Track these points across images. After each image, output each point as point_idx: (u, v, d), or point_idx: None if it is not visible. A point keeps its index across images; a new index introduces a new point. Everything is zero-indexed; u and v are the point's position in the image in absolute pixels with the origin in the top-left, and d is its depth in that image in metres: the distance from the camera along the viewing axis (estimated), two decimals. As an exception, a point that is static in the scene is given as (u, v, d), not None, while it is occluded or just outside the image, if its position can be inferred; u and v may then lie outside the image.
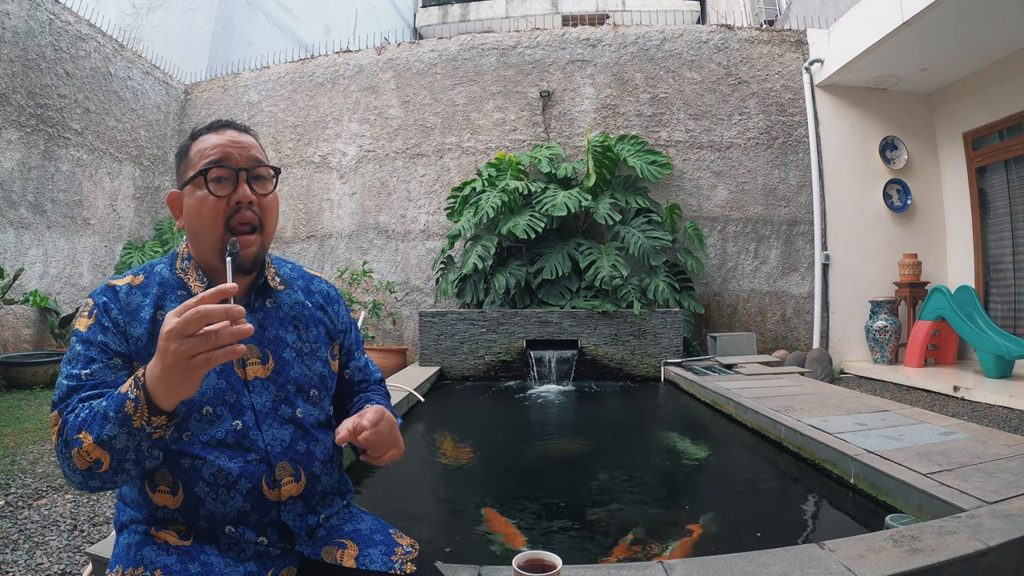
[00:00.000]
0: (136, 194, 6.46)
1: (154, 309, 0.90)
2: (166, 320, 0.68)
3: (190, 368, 0.67)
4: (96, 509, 2.03)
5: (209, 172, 0.90)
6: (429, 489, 2.33)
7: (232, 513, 0.85)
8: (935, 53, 4.91)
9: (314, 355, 1.01)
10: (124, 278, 0.93)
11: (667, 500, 2.19)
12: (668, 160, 5.69)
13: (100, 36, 5.94)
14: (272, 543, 0.88)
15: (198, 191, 0.91)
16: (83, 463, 0.73)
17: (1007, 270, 5.13)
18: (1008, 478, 1.77)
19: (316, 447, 0.95)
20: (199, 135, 0.96)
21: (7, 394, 4.10)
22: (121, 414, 0.72)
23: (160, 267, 0.96)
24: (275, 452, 0.89)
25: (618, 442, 3.04)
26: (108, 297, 0.90)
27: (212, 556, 0.83)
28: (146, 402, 0.71)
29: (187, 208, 0.93)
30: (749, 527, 1.86)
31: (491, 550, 1.70)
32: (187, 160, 0.95)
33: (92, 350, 0.85)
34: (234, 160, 0.92)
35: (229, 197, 0.91)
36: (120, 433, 0.72)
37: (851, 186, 5.71)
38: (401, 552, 0.94)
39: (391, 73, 6.55)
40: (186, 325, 0.66)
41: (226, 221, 0.91)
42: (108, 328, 0.87)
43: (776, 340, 5.78)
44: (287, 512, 0.89)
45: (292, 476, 0.90)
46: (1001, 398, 3.68)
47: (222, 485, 0.85)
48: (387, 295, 6.15)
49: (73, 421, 0.75)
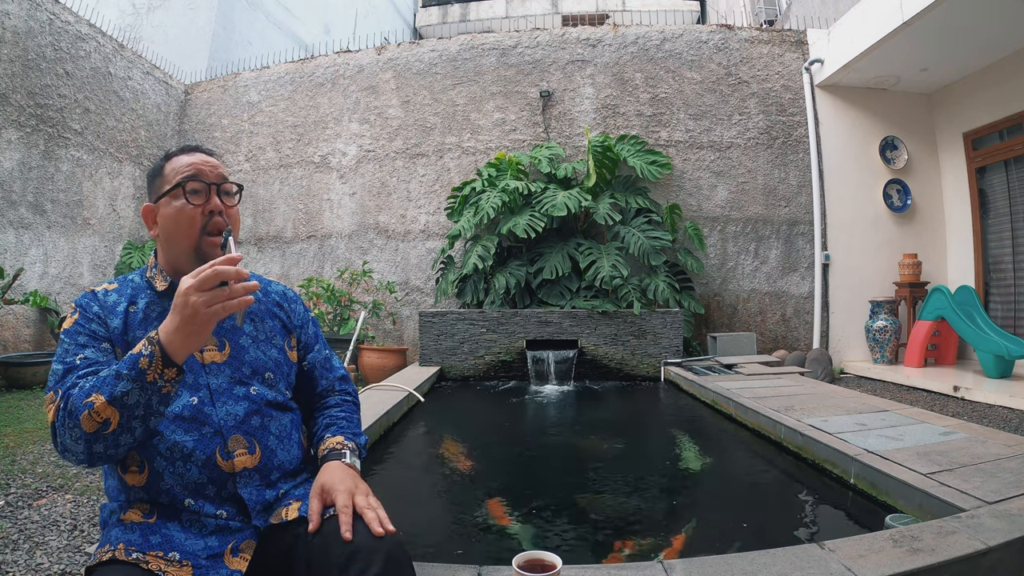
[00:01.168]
0: (136, 194, 6.46)
1: (127, 304, 1.04)
2: (181, 282, 0.81)
3: (208, 317, 0.79)
4: (96, 509, 2.03)
5: (187, 184, 1.04)
6: (428, 488, 2.33)
7: (190, 485, 0.92)
8: (935, 53, 4.92)
9: (269, 342, 1.12)
10: (102, 286, 1.08)
11: (667, 500, 2.18)
12: (668, 160, 5.69)
13: (100, 36, 5.94)
14: (230, 516, 0.93)
15: (175, 201, 1.04)
16: (91, 425, 0.80)
17: (1007, 270, 5.13)
18: (1008, 478, 1.77)
19: (271, 423, 1.03)
20: (171, 156, 1.09)
21: (7, 394, 4.10)
22: (135, 370, 0.81)
23: (132, 276, 1.11)
24: (228, 426, 0.97)
25: (618, 442, 3.04)
26: (89, 298, 1.03)
27: (174, 530, 0.89)
28: (161, 355, 0.81)
29: (164, 217, 1.05)
30: (749, 527, 1.86)
31: (491, 549, 1.70)
32: (162, 177, 1.07)
33: (81, 338, 0.95)
34: (206, 175, 1.06)
35: (203, 207, 1.04)
36: (133, 388, 0.80)
37: (851, 186, 5.71)
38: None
39: (391, 73, 6.55)
40: (204, 281, 0.79)
41: (201, 228, 1.04)
42: (92, 319, 0.99)
43: (776, 340, 5.78)
44: (243, 484, 0.95)
45: (246, 448, 0.97)
46: (1001, 398, 3.68)
47: (178, 458, 0.92)
48: (387, 295, 6.15)
49: (79, 392, 0.83)
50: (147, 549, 0.86)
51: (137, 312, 1.03)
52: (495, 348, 5.01)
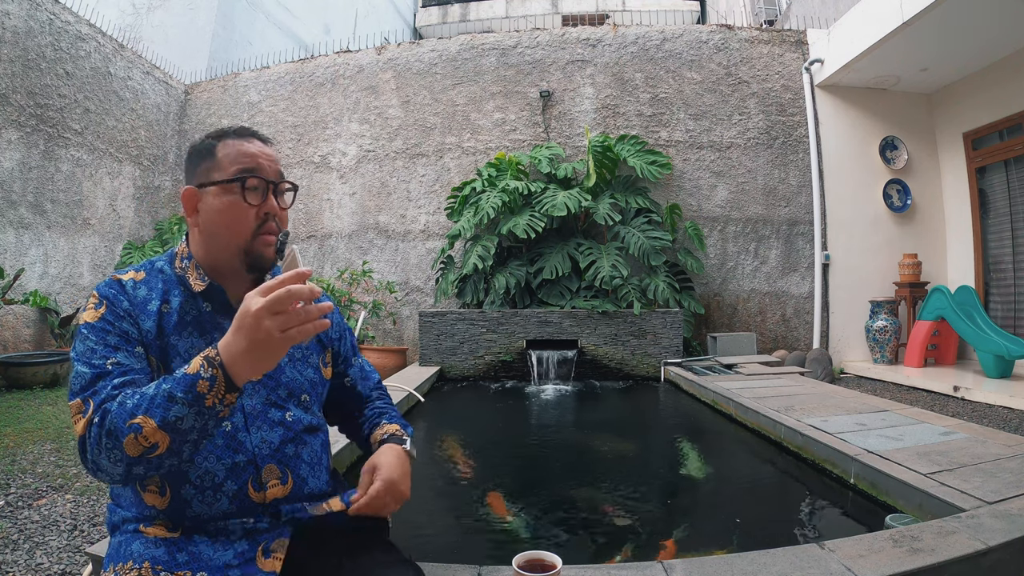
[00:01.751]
0: (136, 194, 6.46)
1: (160, 302, 0.92)
2: (247, 299, 0.72)
3: (282, 342, 0.71)
4: (96, 509, 2.03)
5: (247, 180, 0.92)
6: (428, 488, 2.33)
7: (218, 515, 0.87)
8: (935, 53, 4.91)
9: (305, 361, 1.03)
10: (127, 273, 0.94)
11: (667, 500, 2.18)
12: (668, 160, 5.69)
13: (100, 36, 5.94)
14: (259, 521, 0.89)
15: (228, 196, 0.92)
16: (136, 449, 0.73)
17: (1007, 270, 5.13)
18: (1008, 478, 1.77)
19: (303, 450, 0.97)
20: (223, 137, 0.96)
21: (7, 394, 4.10)
22: (192, 394, 0.73)
23: (160, 263, 0.97)
24: (263, 454, 0.91)
25: (617, 442, 3.04)
26: (116, 289, 0.90)
27: (201, 544, 0.85)
28: (224, 380, 0.73)
29: (211, 209, 0.93)
30: (749, 527, 1.86)
31: (491, 549, 1.70)
32: (213, 161, 0.94)
33: (111, 338, 0.85)
34: (265, 171, 0.94)
35: (259, 207, 0.93)
36: (189, 413, 0.73)
37: (851, 186, 5.71)
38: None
39: (391, 73, 6.55)
40: (277, 302, 0.70)
41: (254, 231, 0.93)
42: (123, 316, 0.88)
43: (776, 340, 5.78)
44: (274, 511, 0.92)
45: (279, 479, 0.92)
46: (1001, 398, 3.68)
47: (208, 487, 0.86)
48: (387, 295, 6.15)
49: (120, 410, 0.74)
50: (174, 568, 0.81)
51: (171, 314, 0.92)
52: (495, 348, 5.01)
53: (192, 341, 0.91)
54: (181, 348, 0.90)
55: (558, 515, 1.97)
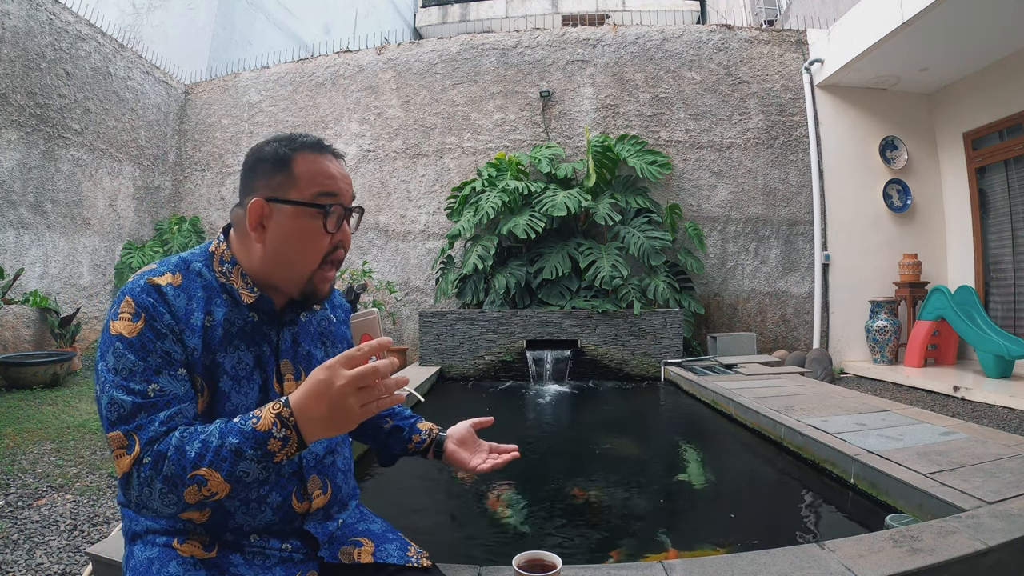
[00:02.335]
0: (136, 194, 6.46)
1: (203, 315, 0.85)
2: (332, 370, 0.72)
3: (361, 416, 0.73)
4: (96, 509, 2.03)
5: (331, 208, 0.87)
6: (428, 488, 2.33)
7: (260, 526, 0.87)
8: (935, 53, 4.91)
9: None
10: (162, 276, 0.84)
11: (667, 500, 2.18)
12: (668, 160, 5.69)
13: (100, 36, 5.94)
14: (295, 549, 0.89)
15: (306, 219, 0.86)
16: (196, 497, 0.71)
17: (1007, 270, 5.13)
18: (1008, 478, 1.77)
19: (339, 458, 0.99)
20: (300, 149, 0.88)
21: (7, 394, 4.10)
22: (262, 451, 0.72)
23: (197, 265, 0.88)
24: (308, 465, 0.92)
25: (617, 442, 3.04)
26: (155, 299, 0.81)
27: (240, 567, 0.84)
28: (297, 440, 0.73)
29: (280, 229, 0.86)
30: (750, 527, 1.86)
31: (491, 549, 1.70)
32: (290, 176, 0.86)
33: (152, 360, 0.77)
34: (345, 197, 0.89)
35: (334, 236, 0.89)
36: (256, 468, 0.73)
37: (851, 186, 5.71)
38: (415, 550, 0.97)
39: (391, 73, 6.55)
40: (362, 379, 0.72)
41: (323, 257, 0.89)
42: (165, 335, 0.79)
43: (776, 340, 5.78)
44: (311, 521, 0.92)
45: (321, 488, 0.93)
46: (1001, 398, 3.68)
47: (253, 500, 0.86)
48: (387, 295, 6.15)
49: (178, 457, 0.71)
50: None
51: (215, 327, 0.85)
52: (495, 348, 5.01)
53: (239, 356, 0.87)
54: (227, 365, 0.86)
55: (558, 515, 1.97)
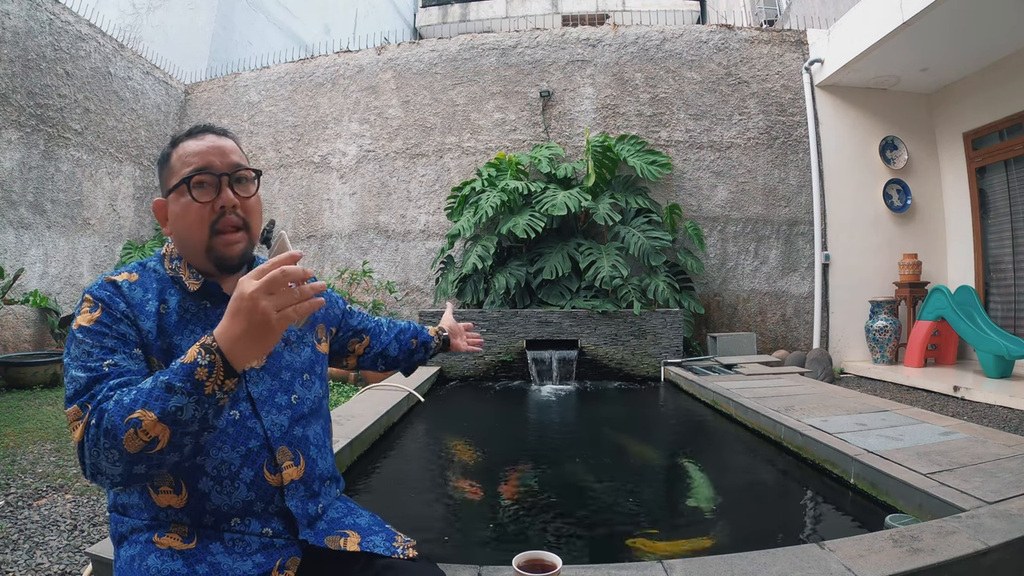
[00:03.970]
0: (136, 194, 6.46)
1: (157, 303, 0.91)
2: (241, 283, 0.71)
3: (279, 322, 0.71)
4: (96, 509, 2.03)
5: (192, 179, 0.91)
6: (428, 488, 2.33)
7: (238, 505, 0.87)
8: (935, 53, 4.91)
9: (300, 342, 1.06)
10: (119, 275, 0.93)
11: (667, 500, 2.19)
12: (668, 160, 5.69)
13: (100, 36, 5.94)
14: (277, 534, 0.89)
15: (182, 198, 0.92)
16: (136, 444, 0.71)
17: (1007, 270, 5.13)
18: (1008, 478, 1.77)
19: (309, 431, 0.99)
20: (179, 142, 0.96)
21: (7, 394, 4.10)
22: (191, 382, 0.71)
23: (152, 263, 0.97)
24: (275, 437, 0.92)
25: (617, 442, 3.04)
26: (111, 291, 0.88)
27: (219, 555, 0.84)
28: (223, 364, 0.72)
29: (172, 215, 0.95)
30: (750, 527, 1.86)
31: (491, 549, 1.70)
32: (169, 167, 0.96)
33: (108, 340, 0.83)
34: (215, 167, 0.93)
35: (213, 202, 0.92)
36: (189, 403, 0.72)
37: (851, 186, 5.71)
38: (401, 540, 0.97)
39: (391, 73, 6.55)
40: (272, 283, 0.70)
41: (211, 226, 0.93)
42: (120, 319, 0.86)
43: (776, 340, 5.78)
44: (290, 497, 0.92)
45: (292, 460, 0.93)
46: (1001, 398, 3.68)
47: (225, 477, 0.86)
48: (387, 295, 6.15)
49: (117, 407, 0.72)
50: None
51: (170, 313, 0.91)
52: (495, 348, 5.01)
53: (195, 338, 0.91)
54: (185, 347, 0.89)
55: (558, 514, 1.97)
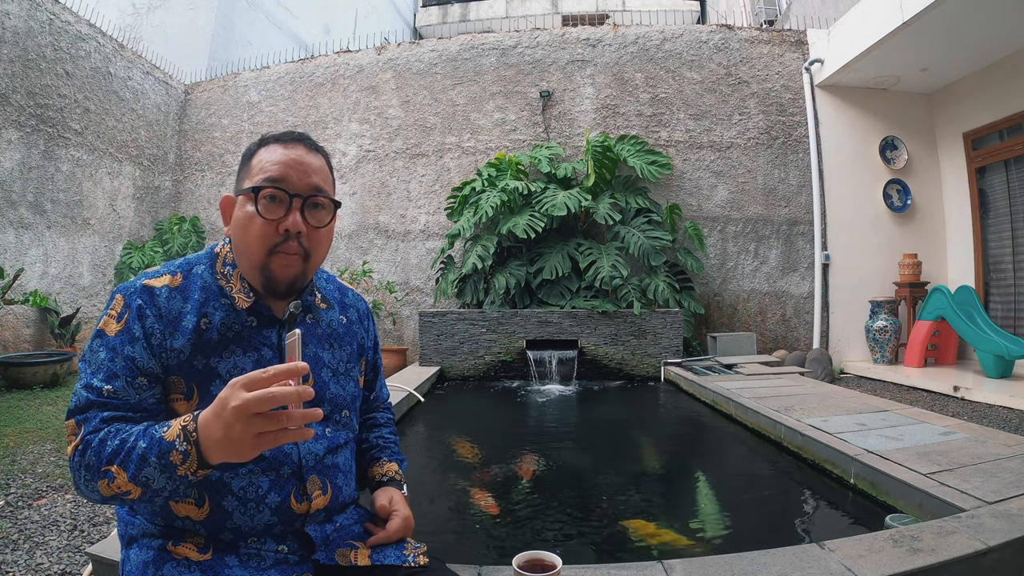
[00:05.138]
0: (136, 194, 6.46)
1: (197, 318, 0.85)
2: (230, 387, 0.66)
3: (255, 445, 0.67)
4: (96, 509, 2.03)
5: (263, 191, 0.84)
6: (428, 488, 2.33)
7: (259, 527, 0.85)
8: (935, 53, 4.91)
9: (348, 375, 1.00)
10: (161, 277, 0.87)
11: (667, 500, 2.19)
12: (668, 160, 5.69)
13: (100, 36, 5.94)
14: (291, 551, 0.88)
15: (248, 206, 0.85)
16: (109, 492, 0.72)
17: (1007, 270, 5.13)
18: (1008, 478, 1.77)
19: (340, 460, 0.97)
20: (267, 143, 0.90)
21: (7, 394, 4.10)
22: (164, 461, 0.70)
23: (200, 268, 0.90)
24: (308, 465, 0.89)
25: (617, 442, 3.04)
26: (144, 300, 0.83)
27: (234, 568, 0.82)
28: (197, 458, 0.70)
29: (236, 219, 0.87)
30: (749, 527, 1.86)
31: (491, 549, 1.70)
32: (248, 168, 0.89)
33: (117, 363, 0.80)
34: (292, 184, 0.85)
35: (279, 222, 0.84)
36: (160, 477, 0.71)
37: (851, 186, 5.71)
38: (412, 547, 0.96)
39: (391, 73, 6.55)
40: (259, 403, 0.64)
41: (270, 248, 0.85)
42: (138, 339, 0.81)
43: (776, 340, 5.78)
44: (311, 523, 0.90)
45: (320, 489, 0.91)
46: (1001, 398, 3.68)
47: (251, 499, 0.84)
48: (387, 295, 6.15)
49: (99, 449, 0.72)
50: None
51: (211, 331, 0.85)
52: (495, 348, 5.01)
53: (235, 360, 0.86)
54: (222, 370, 0.85)
55: (558, 513, 1.97)
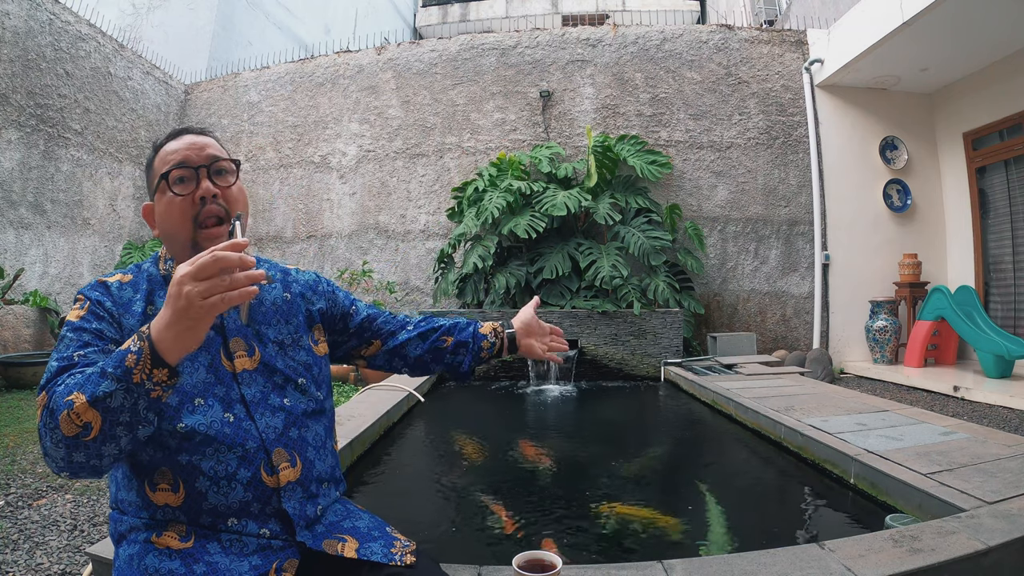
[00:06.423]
0: (136, 194, 6.46)
1: (145, 303, 0.95)
2: (177, 270, 0.70)
3: (204, 309, 0.68)
4: (96, 509, 2.03)
5: (170, 174, 0.95)
6: (428, 488, 2.33)
7: (235, 505, 0.87)
8: (935, 53, 4.91)
9: (296, 345, 1.04)
10: (114, 276, 0.97)
11: (666, 500, 2.18)
12: (668, 160, 5.69)
13: (100, 36, 5.94)
14: (274, 535, 0.89)
15: (164, 196, 0.96)
16: (70, 428, 0.70)
17: (1007, 270, 5.13)
18: (1008, 478, 1.77)
19: (307, 433, 0.98)
20: (160, 146, 1.00)
21: (7, 394, 4.10)
22: (120, 368, 0.71)
23: (147, 265, 1.01)
24: (270, 439, 0.92)
25: (616, 442, 3.04)
26: (100, 292, 0.93)
27: (216, 555, 0.84)
28: (150, 352, 0.70)
29: (158, 215, 0.98)
30: (749, 527, 1.86)
31: (491, 549, 1.70)
32: (153, 170, 1.00)
33: (85, 335, 0.86)
34: (192, 161, 0.97)
35: (193, 194, 0.95)
36: (117, 389, 0.70)
37: (851, 186, 5.71)
38: (400, 545, 0.96)
39: (391, 73, 6.55)
40: (201, 268, 0.68)
41: (194, 219, 0.95)
42: (103, 317, 0.90)
43: (776, 340, 5.78)
44: (287, 498, 0.91)
45: (288, 461, 0.93)
46: (1001, 398, 3.68)
47: (223, 477, 0.87)
48: (387, 295, 6.15)
49: (63, 389, 0.73)
50: None
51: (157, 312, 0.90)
52: (495, 348, 5.00)
53: None
54: None
55: (557, 513, 1.97)
